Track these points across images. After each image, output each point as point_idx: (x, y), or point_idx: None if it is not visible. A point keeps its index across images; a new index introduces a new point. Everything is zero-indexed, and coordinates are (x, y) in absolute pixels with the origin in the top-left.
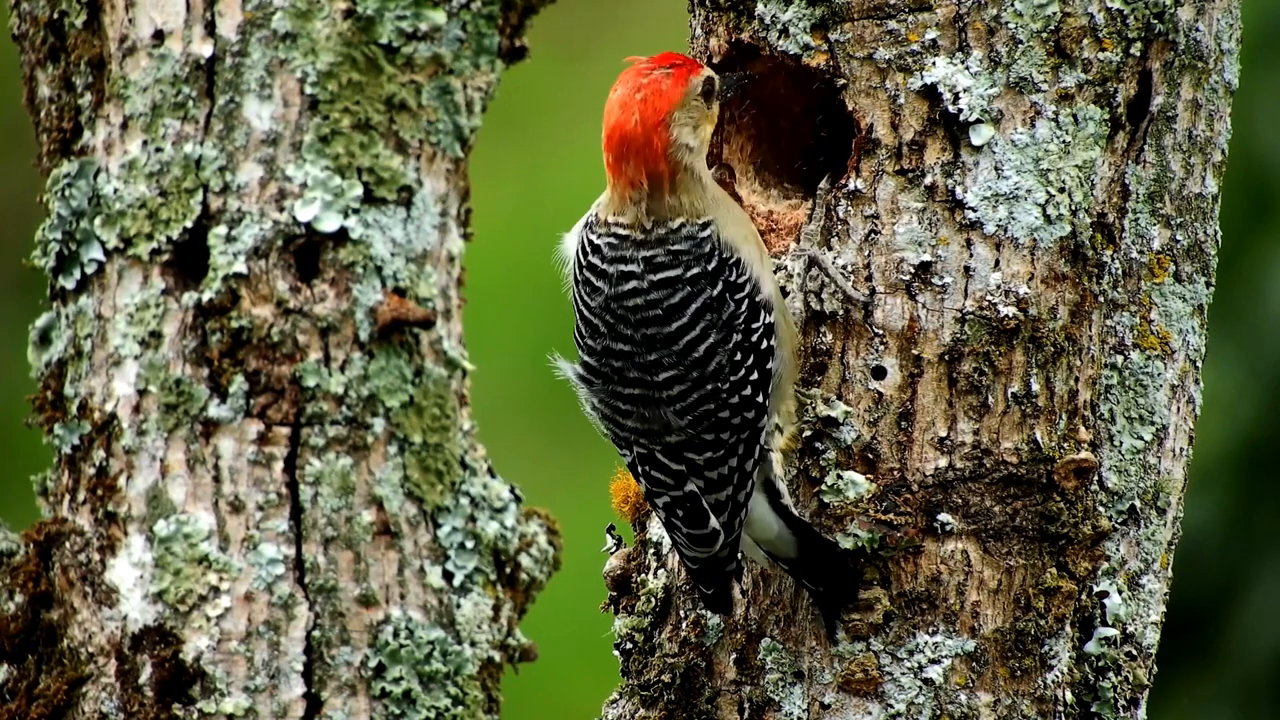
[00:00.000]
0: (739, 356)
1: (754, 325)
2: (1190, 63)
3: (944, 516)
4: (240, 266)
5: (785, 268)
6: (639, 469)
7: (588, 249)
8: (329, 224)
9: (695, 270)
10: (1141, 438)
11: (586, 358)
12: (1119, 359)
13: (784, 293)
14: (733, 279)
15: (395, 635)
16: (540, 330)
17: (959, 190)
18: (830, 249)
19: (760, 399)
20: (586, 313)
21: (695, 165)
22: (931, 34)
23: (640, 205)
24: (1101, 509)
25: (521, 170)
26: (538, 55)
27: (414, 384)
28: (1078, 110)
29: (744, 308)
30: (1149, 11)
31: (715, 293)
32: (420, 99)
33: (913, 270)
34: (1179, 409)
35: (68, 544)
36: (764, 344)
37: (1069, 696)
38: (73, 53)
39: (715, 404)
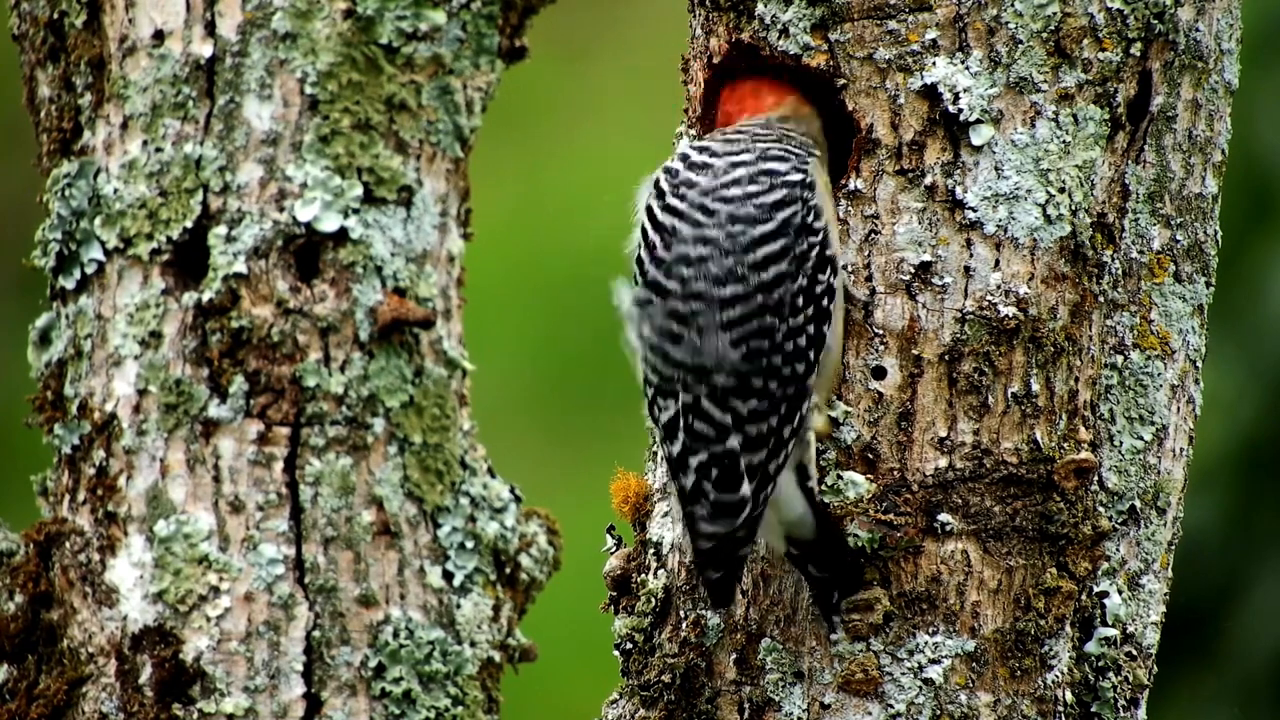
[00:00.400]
0: (800, 301)
1: (820, 276)
2: (1190, 63)
3: (944, 516)
4: (240, 266)
5: None
6: (679, 423)
7: (690, 153)
8: (329, 224)
9: (795, 177)
10: (1141, 438)
11: (653, 270)
12: (1119, 359)
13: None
14: (811, 220)
15: (395, 635)
16: (540, 330)
17: (959, 190)
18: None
19: (811, 355)
20: (669, 216)
21: (816, 125)
22: (931, 34)
23: (777, 111)
24: (1101, 509)
25: (521, 170)
26: (538, 55)
27: (414, 384)
28: (1078, 110)
29: (814, 253)
30: (1149, 11)
31: (800, 216)
32: (420, 99)
33: (913, 270)
34: (1179, 409)
35: (68, 544)
36: (825, 301)
37: (1069, 696)
38: (73, 53)
39: (769, 341)
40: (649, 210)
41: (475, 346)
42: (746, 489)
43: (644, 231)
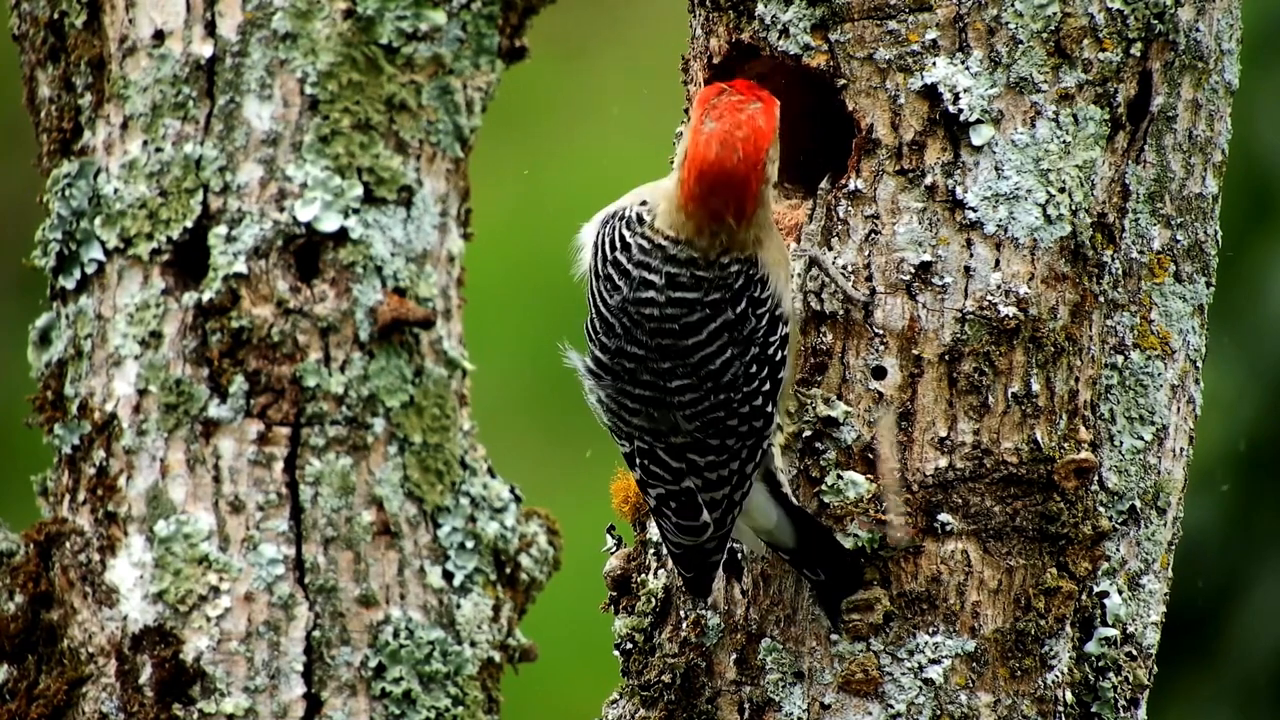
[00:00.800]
0: (754, 369)
1: (771, 339)
2: (1190, 63)
3: (944, 516)
4: (240, 266)
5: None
6: (636, 460)
7: (616, 244)
8: (329, 224)
9: (715, 296)
10: (1141, 438)
11: (599, 354)
12: (1119, 359)
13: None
14: (757, 294)
15: (395, 635)
16: (540, 330)
17: (959, 190)
18: (830, 249)
19: (769, 409)
20: (604, 309)
21: (768, 196)
22: (931, 34)
23: (715, 236)
24: (1101, 509)
25: (521, 170)
26: (538, 55)
27: (414, 384)
28: (1078, 110)
29: (764, 322)
30: (1149, 11)
31: (737, 312)
32: (420, 99)
33: (913, 270)
34: (1179, 409)
35: (68, 544)
36: (778, 355)
37: (1069, 696)
38: (73, 53)
39: (726, 412)
40: (594, 275)
41: (475, 346)
42: (707, 516)
43: (590, 297)
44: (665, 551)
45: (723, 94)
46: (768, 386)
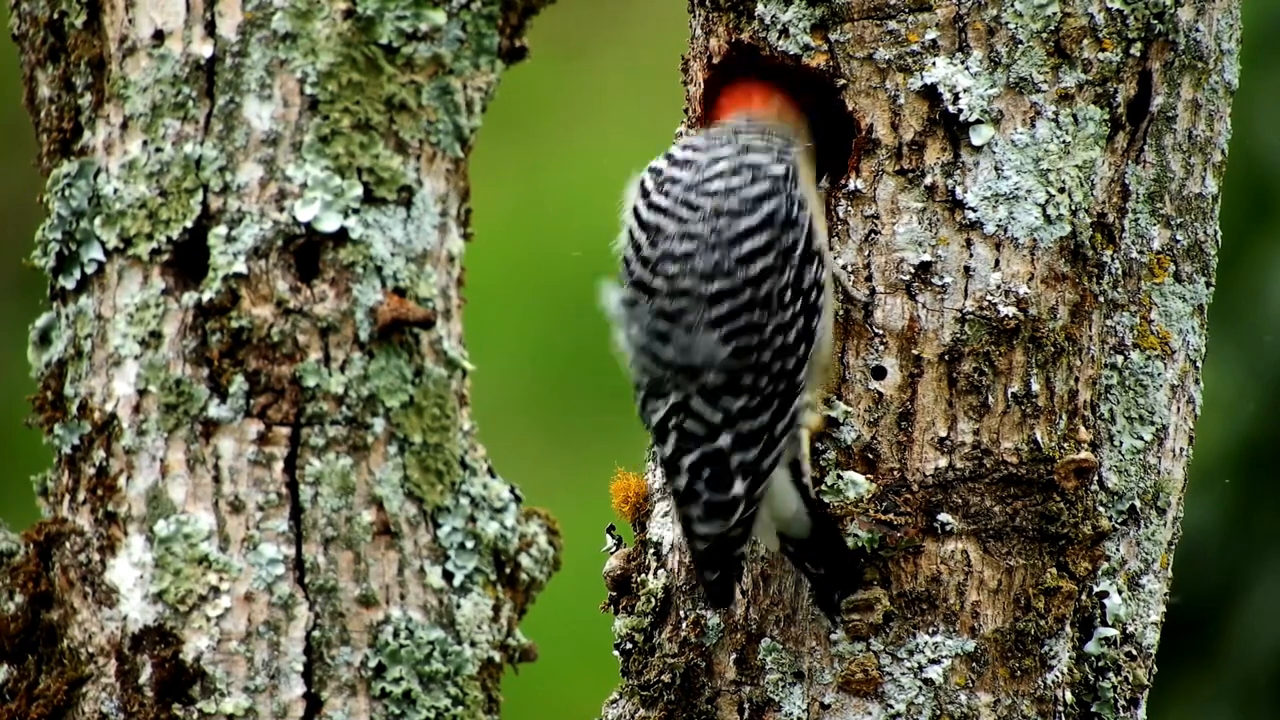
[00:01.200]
0: (788, 296)
1: (805, 270)
2: (1190, 63)
3: (944, 516)
4: (240, 266)
5: None
6: (670, 423)
7: (674, 153)
8: (329, 224)
9: (777, 170)
10: (1141, 438)
11: (639, 269)
12: (1119, 359)
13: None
14: (795, 213)
15: (395, 635)
16: (540, 330)
17: (959, 190)
18: (830, 249)
19: (801, 350)
20: (653, 214)
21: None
22: (931, 34)
23: (761, 110)
24: (1101, 509)
25: (521, 170)
26: (537, 55)
27: (414, 384)
28: (1078, 110)
29: (799, 246)
30: (1149, 11)
31: (785, 209)
32: (420, 99)
33: (913, 270)
34: (1179, 409)
35: (68, 544)
36: (813, 296)
37: (1069, 696)
38: (73, 53)
39: (758, 337)
40: (635, 210)
41: (475, 346)
42: (739, 487)
43: (630, 232)
44: (687, 559)
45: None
46: (800, 324)
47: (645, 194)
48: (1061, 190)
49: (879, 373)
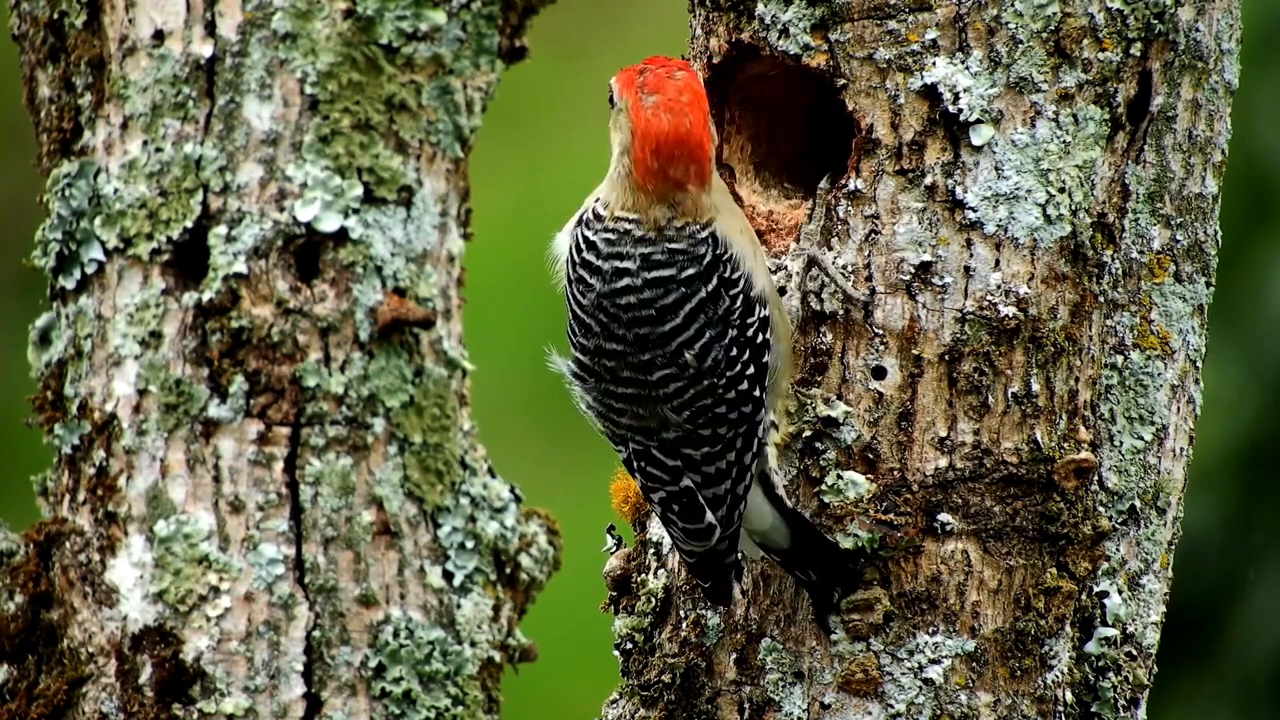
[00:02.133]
0: (735, 352)
1: (749, 320)
2: (1190, 63)
3: (944, 516)
4: (240, 266)
5: (785, 267)
6: (634, 464)
7: (582, 245)
8: (329, 224)
9: (690, 271)
10: (1141, 438)
11: (580, 355)
12: (1119, 359)
13: (781, 291)
14: (727, 275)
15: (395, 635)
16: (540, 330)
17: (959, 190)
18: (830, 249)
19: (757, 393)
20: (579, 311)
21: (712, 157)
22: (931, 34)
23: (677, 205)
24: (1101, 509)
25: (521, 170)
26: (537, 55)
27: (414, 384)
28: (1078, 110)
29: (739, 303)
30: (1149, 11)
31: (709, 290)
32: (420, 99)
33: (913, 270)
34: (1179, 409)
35: (68, 544)
36: (759, 338)
37: (1069, 696)
38: (73, 53)
39: (713, 399)
40: (568, 292)
41: (475, 346)
42: (711, 517)
43: (569, 307)
44: (679, 560)
45: (644, 72)
46: (752, 370)
47: (571, 280)
48: (1061, 190)
49: (879, 373)
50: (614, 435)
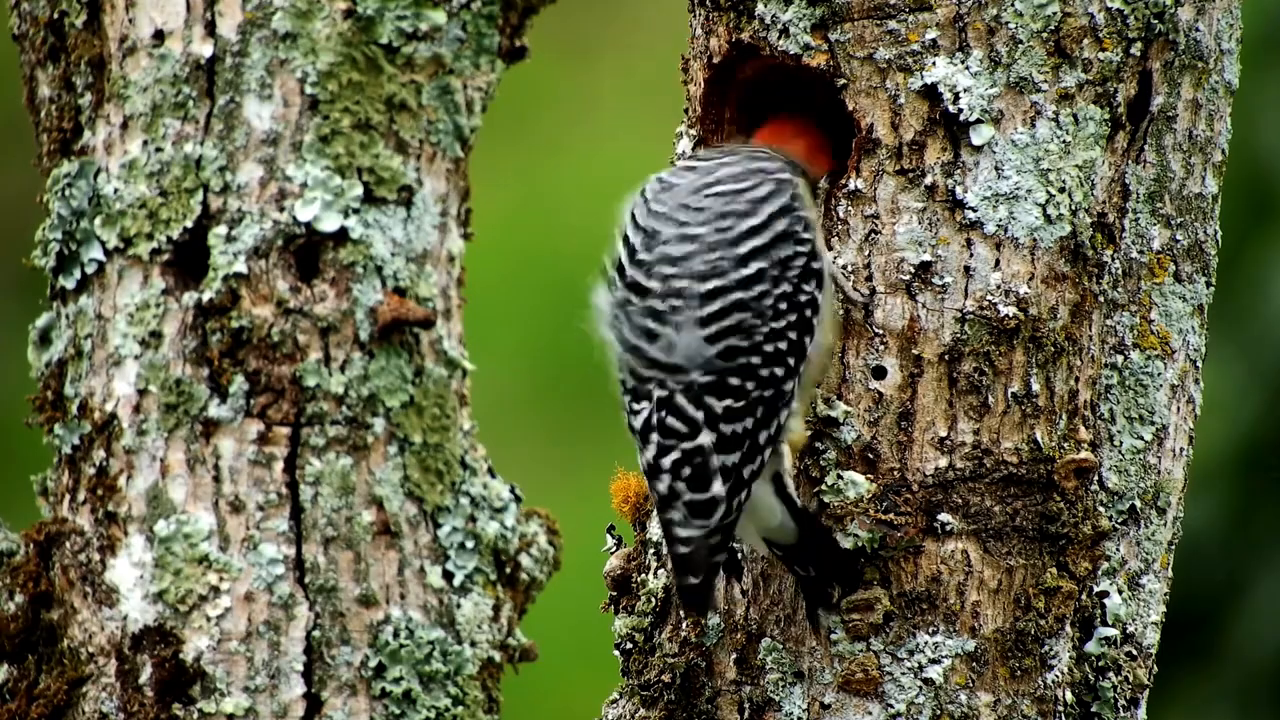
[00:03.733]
0: (784, 306)
1: (805, 286)
2: (1190, 63)
3: (944, 516)
4: (240, 266)
5: None
6: (654, 420)
7: (676, 165)
8: (329, 224)
9: (785, 176)
10: (1141, 438)
11: (632, 271)
12: (1119, 359)
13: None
14: (799, 230)
15: (395, 635)
16: (540, 330)
17: (959, 190)
18: (830, 249)
19: (791, 362)
20: (651, 220)
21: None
22: (931, 34)
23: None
24: (1101, 509)
25: (521, 170)
26: (538, 55)
27: (414, 384)
28: (1078, 110)
29: (800, 262)
30: (1149, 11)
31: (787, 222)
32: (420, 99)
33: (913, 270)
34: (1179, 409)
35: (68, 544)
36: (808, 312)
37: (1069, 696)
38: (73, 53)
39: (748, 341)
40: (632, 216)
41: (475, 346)
42: (719, 488)
43: (625, 238)
44: (668, 561)
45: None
46: (793, 335)
47: (644, 200)
48: (1062, 190)
49: (879, 372)
50: (639, 383)
